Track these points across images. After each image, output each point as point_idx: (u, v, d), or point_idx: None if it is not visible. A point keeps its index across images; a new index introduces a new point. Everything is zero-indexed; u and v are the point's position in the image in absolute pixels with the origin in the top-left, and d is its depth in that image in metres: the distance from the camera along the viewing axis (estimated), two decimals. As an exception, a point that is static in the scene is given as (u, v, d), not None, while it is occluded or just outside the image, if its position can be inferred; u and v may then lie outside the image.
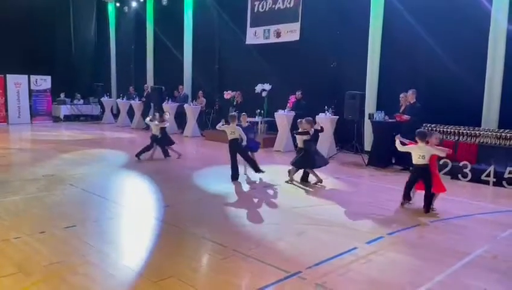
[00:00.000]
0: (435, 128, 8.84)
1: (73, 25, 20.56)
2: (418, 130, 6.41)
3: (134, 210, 6.08)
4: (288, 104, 12.05)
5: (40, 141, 12.93)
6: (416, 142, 6.23)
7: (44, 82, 17.91)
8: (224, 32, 15.24)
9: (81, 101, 19.49)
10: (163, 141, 10.00)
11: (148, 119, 10.35)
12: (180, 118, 15.32)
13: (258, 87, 12.96)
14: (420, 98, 9.31)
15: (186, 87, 16.28)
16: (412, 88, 9.35)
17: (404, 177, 8.65)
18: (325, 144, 10.67)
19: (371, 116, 10.11)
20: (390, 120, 9.61)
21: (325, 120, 10.76)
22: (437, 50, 9.83)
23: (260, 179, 8.14)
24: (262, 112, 12.81)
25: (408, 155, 6.40)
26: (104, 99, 18.93)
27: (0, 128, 15.50)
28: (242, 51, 14.58)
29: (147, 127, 16.33)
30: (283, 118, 11.66)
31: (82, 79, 20.16)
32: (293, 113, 11.62)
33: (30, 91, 17.48)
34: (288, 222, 5.62)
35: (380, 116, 9.76)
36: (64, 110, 18.73)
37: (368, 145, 10.72)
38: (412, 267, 4.27)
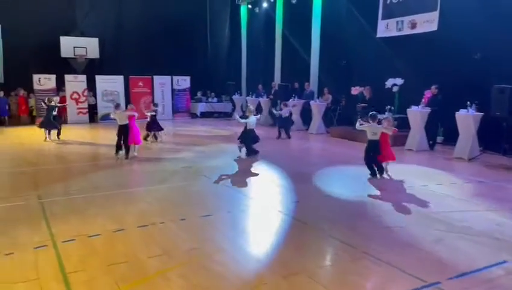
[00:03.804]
0: None
1: (210, 29, 22.16)
2: (371, 112, 7.90)
3: (264, 203, 6.26)
4: (422, 100, 11.19)
5: (180, 135, 14.26)
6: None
7: (184, 82, 19.74)
8: (353, 27, 14.80)
9: (215, 99, 20.93)
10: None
11: (112, 114, 10.11)
12: (306, 115, 15.39)
13: (389, 82, 12.31)
14: None
15: (312, 84, 16.28)
16: None
17: None
18: (467, 144, 9.64)
19: (525, 112, 8.83)
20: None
21: (467, 117, 9.72)
22: None
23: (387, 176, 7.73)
24: (392, 108, 12.13)
25: None
26: (235, 97, 20.02)
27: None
28: (372, 44, 14.00)
29: (274, 123, 16.82)
30: (416, 114, 10.87)
31: (216, 78, 21.58)
32: (428, 110, 10.76)
33: (172, 90, 19.42)
34: (425, 227, 5.19)
35: (536, 112, 8.46)
36: (200, 107, 20.34)
37: (520, 146, 9.39)
38: None
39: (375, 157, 7.79)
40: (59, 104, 12.40)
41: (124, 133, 9.39)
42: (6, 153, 10.54)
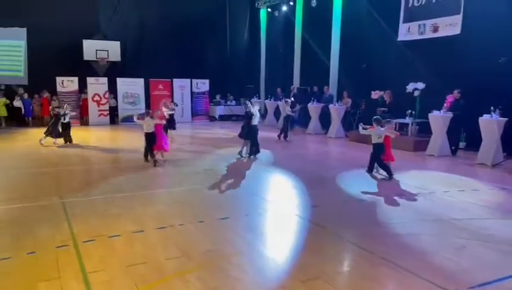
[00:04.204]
0: None
1: (229, 33, 22.28)
2: (375, 117, 8.37)
3: (282, 207, 6.24)
4: (444, 104, 10.99)
5: (199, 137, 14.36)
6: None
7: (203, 85, 19.90)
8: (373, 30, 14.67)
9: (234, 102, 21.00)
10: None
11: (135, 118, 9.70)
12: (325, 119, 15.29)
13: (410, 86, 12.11)
14: None
15: (332, 87, 16.18)
16: None
17: None
18: (490, 150, 9.42)
19: (551, 118, 8.58)
20: None
21: (491, 122, 9.51)
22: None
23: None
24: (413, 112, 11.96)
25: None
26: (254, 100, 20.00)
27: (167, 126, 17.68)
28: (393, 48, 13.85)
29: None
30: (438, 119, 10.69)
31: (235, 81, 21.65)
32: (450, 115, 10.57)
33: (192, 93, 19.59)
34: (446, 235, 5.09)
35: None
36: (219, 110, 20.46)
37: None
38: None
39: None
40: (67, 112, 12.35)
41: (150, 141, 9.34)
42: (29, 153, 10.78)
